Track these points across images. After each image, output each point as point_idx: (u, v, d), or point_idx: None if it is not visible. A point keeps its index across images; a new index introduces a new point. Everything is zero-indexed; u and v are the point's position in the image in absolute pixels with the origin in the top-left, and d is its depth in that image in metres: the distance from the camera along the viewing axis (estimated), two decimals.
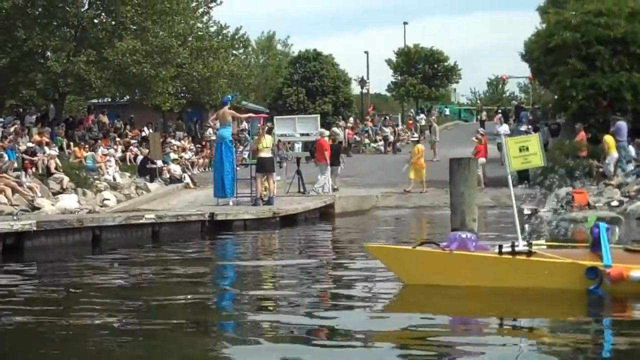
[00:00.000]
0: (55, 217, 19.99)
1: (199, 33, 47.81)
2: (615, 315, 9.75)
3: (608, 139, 29.43)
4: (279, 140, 35.71)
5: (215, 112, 27.03)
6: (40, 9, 36.44)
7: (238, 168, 27.71)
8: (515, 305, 10.20)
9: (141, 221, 19.20)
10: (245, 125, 46.10)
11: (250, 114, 30.57)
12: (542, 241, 11.65)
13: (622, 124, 29.99)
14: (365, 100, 79.29)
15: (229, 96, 27.35)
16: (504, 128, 40.19)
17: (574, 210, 24.09)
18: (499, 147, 39.23)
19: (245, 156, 34.25)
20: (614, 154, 29.11)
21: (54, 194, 26.50)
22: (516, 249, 10.73)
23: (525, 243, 10.83)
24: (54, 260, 15.59)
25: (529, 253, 10.66)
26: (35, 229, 16.48)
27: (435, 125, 53.29)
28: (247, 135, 41.03)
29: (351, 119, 65.21)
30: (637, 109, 32.02)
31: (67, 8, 36.17)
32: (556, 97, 35.66)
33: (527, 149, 11.53)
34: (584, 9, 33.45)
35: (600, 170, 29.31)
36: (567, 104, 33.15)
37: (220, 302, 11.02)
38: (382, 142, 58.16)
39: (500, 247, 10.83)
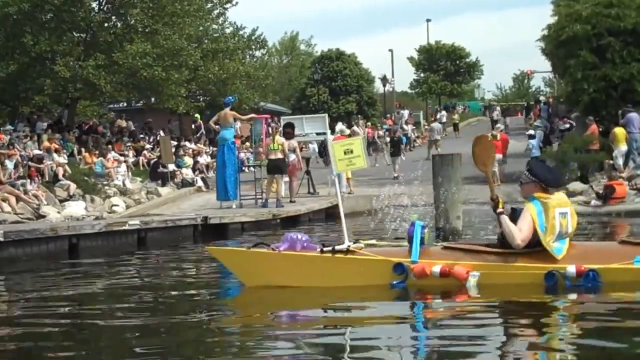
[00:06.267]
0: (26, 226, 19.37)
1: (215, 35, 47.83)
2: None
3: (618, 131, 28.99)
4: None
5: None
6: (50, 14, 36.49)
7: (250, 169, 27.48)
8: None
9: (124, 228, 18.78)
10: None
11: (252, 115, 30.36)
12: (373, 241, 11.94)
13: (634, 116, 29.55)
14: (390, 98, 78.99)
15: (231, 98, 27.12)
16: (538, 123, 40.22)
17: (611, 203, 23.91)
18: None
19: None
20: (622, 147, 28.67)
21: (61, 201, 26.29)
22: (336, 247, 11.05)
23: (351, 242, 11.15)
24: (18, 272, 15.03)
25: (347, 252, 11.00)
26: (2, 239, 16.00)
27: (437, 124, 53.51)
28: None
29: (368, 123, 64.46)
30: None
31: (80, 13, 36.15)
32: (568, 90, 35.34)
33: (352, 151, 12.15)
34: (594, 0, 33.02)
35: (611, 162, 28.88)
36: (579, 97, 32.83)
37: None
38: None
39: (323, 246, 11.23)
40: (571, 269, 10.04)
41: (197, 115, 47.56)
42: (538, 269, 10.18)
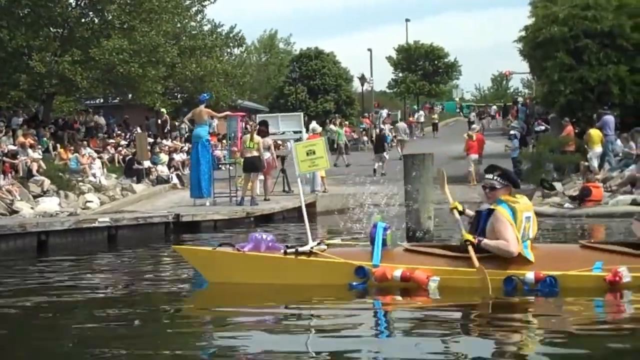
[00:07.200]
0: None
1: (192, 32, 47.65)
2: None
3: (593, 132, 29.06)
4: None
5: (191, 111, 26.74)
6: (26, 9, 36.24)
7: (226, 167, 27.38)
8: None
9: (94, 225, 18.61)
10: None
11: (228, 113, 30.26)
12: (338, 240, 12.45)
13: (609, 118, 29.63)
14: (368, 97, 78.90)
15: (205, 95, 27.09)
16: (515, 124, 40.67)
17: (587, 205, 23.90)
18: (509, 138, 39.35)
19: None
20: (597, 149, 28.73)
21: (35, 197, 26.09)
22: (299, 249, 11.21)
23: (315, 244, 11.31)
24: None
25: (310, 253, 11.15)
26: None
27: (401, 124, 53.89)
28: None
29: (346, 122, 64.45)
30: (624, 102, 31.76)
31: (57, 8, 35.87)
32: (545, 91, 35.47)
33: (314, 152, 12.20)
34: (571, 2, 33.13)
35: (586, 164, 28.93)
36: (555, 98, 32.94)
37: None
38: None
39: (287, 247, 11.39)
40: (530, 275, 10.12)
41: (163, 110, 47.28)
42: (497, 274, 10.23)
